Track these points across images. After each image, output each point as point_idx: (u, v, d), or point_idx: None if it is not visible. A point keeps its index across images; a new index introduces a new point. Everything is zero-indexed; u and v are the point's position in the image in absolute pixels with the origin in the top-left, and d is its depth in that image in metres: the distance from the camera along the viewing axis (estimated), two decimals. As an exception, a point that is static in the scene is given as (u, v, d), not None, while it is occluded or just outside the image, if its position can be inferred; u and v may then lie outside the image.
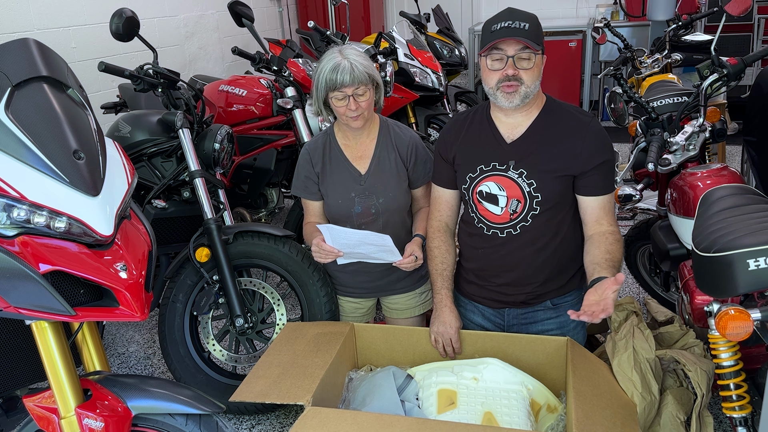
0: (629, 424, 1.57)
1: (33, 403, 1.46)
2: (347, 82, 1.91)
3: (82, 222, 1.33)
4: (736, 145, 4.88)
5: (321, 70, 1.96)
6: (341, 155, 2.11)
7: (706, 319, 1.64)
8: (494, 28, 1.70)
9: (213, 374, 2.40)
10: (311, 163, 2.12)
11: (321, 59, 2.00)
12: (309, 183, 2.13)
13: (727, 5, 2.18)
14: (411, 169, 2.11)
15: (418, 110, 4.30)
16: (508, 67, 1.70)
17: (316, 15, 6.11)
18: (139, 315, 1.37)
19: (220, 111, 3.20)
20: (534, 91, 1.75)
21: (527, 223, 1.82)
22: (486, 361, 1.84)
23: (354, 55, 1.95)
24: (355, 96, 1.95)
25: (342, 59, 1.93)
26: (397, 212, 2.12)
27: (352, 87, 1.93)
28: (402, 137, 2.12)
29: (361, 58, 1.97)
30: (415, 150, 2.11)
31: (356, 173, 2.09)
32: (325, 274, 2.28)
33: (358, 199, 2.09)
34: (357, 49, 2.02)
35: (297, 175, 2.17)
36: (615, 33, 4.25)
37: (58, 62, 1.50)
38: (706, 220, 1.71)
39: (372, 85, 2.00)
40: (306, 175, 2.13)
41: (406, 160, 2.10)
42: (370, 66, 1.99)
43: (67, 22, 3.68)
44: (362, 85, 1.94)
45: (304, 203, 2.20)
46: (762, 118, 2.31)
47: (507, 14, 1.71)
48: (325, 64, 1.96)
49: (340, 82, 1.92)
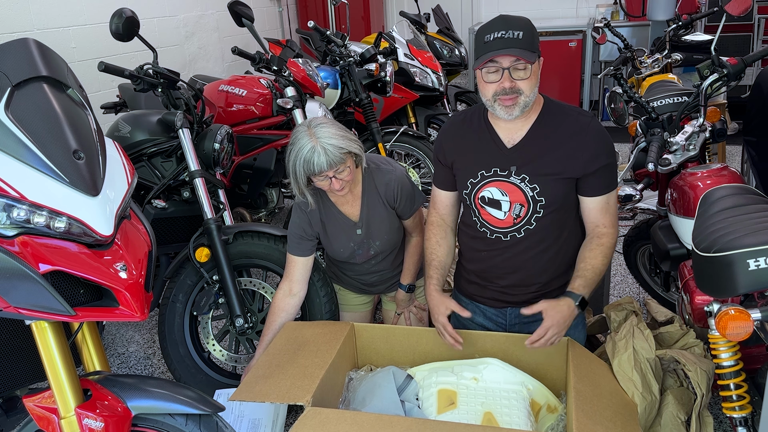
0: (630, 424, 1.57)
1: (33, 403, 1.46)
2: (325, 168, 1.87)
3: (82, 222, 1.33)
4: (736, 145, 4.88)
5: (296, 156, 1.89)
6: (334, 208, 2.11)
7: (706, 319, 1.64)
8: (487, 39, 1.66)
9: (213, 374, 2.40)
10: (310, 224, 2.10)
11: (292, 141, 1.92)
12: (303, 242, 2.11)
13: (727, 5, 2.18)
14: (398, 207, 2.12)
15: (418, 110, 4.30)
16: (504, 80, 1.67)
17: (316, 15, 6.11)
18: (139, 315, 1.36)
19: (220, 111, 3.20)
20: (533, 99, 1.73)
21: (531, 226, 1.82)
22: (486, 361, 1.84)
23: (326, 137, 1.87)
24: (336, 176, 1.92)
25: (314, 143, 1.86)
26: (393, 249, 2.22)
27: (332, 170, 1.89)
28: (382, 180, 2.09)
29: (334, 138, 1.88)
30: (399, 189, 2.09)
31: (350, 223, 2.11)
32: (325, 274, 2.29)
33: (356, 246, 2.14)
34: (326, 124, 1.93)
35: (290, 233, 2.12)
36: (615, 33, 4.25)
37: (58, 62, 1.50)
38: (706, 220, 1.71)
39: (351, 157, 1.95)
40: (300, 234, 2.10)
41: (392, 200, 2.10)
42: (344, 142, 1.90)
43: (67, 22, 3.68)
44: (341, 164, 1.89)
45: (288, 258, 2.14)
46: (762, 118, 2.31)
47: (500, 23, 1.67)
48: (298, 151, 1.88)
49: (319, 170, 1.87)
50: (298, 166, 1.90)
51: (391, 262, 2.24)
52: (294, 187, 1.99)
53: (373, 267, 2.23)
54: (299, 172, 1.91)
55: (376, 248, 2.15)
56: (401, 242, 2.24)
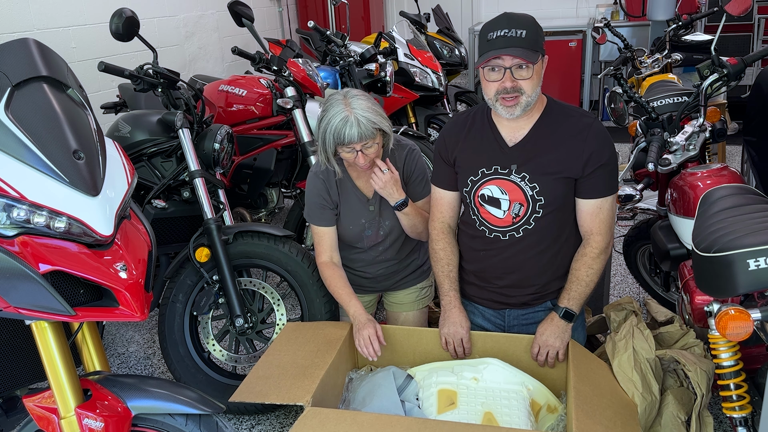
0: (630, 424, 1.57)
1: (33, 403, 1.46)
2: (355, 139, 1.87)
3: (82, 222, 1.33)
4: (736, 145, 4.88)
5: (328, 123, 1.89)
6: (350, 182, 2.11)
7: (706, 319, 1.64)
8: (490, 36, 1.67)
9: (213, 374, 2.40)
10: (328, 191, 2.10)
11: (326, 108, 1.93)
12: (325, 210, 2.11)
13: (727, 5, 2.18)
14: (409, 182, 2.12)
15: (418, 110, 4.30)
16: (506, 80, 1.68)
17: (316, 15, 6.11)
18: (139, 315, 1.36)
19: (220, 111, 3.20)
20: (534, 98, 1.73)
21: (530, 226, 1.82)
22: (486, 361, 1.84)
23: (360, 109, 1.88)
24: (363, 150, 1.92)
25: (349, 114, 1.86)
26: (401, 235, 2.17)
27: (361, 143, 1.90)
28: (402, 152, 2.11)
29: (368, 111, 1.89)
30: (417, 161, 2.11)
31: (363, 198, 2.11)
32: (325, 274, 2.28)
33: (368, 224, 2.12)
34: (362, 97, 1.94)
35: (310, 203, 2.12)
36: (615, 33, 4.25)
37: (58, 62, 1.50)
38: (706, 220, 1.71)
39: (381, 135, 1.96)
40: (321, 203, 2.10)
41: (409, 170, 2.11)
42: (377, 117, 1.91)
43: (67, 22, 3.68)
44: (371, 139, 1.90)
45: (316, 231, 2.15)
46: (762, 118, 2.31)
47: (504, 21, 1.67)
48: (331, 117, 1.89)
49: (349, 140, 1.87)
50: (329, 134, 1.90)
51: (398, 252, 2.20)
52: (321, 154, 2.00)
53: (380, 256, 2.19)
54: (328, 140, 1.91)
55: (386, 229, 2.13)
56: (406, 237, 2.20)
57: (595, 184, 1.78)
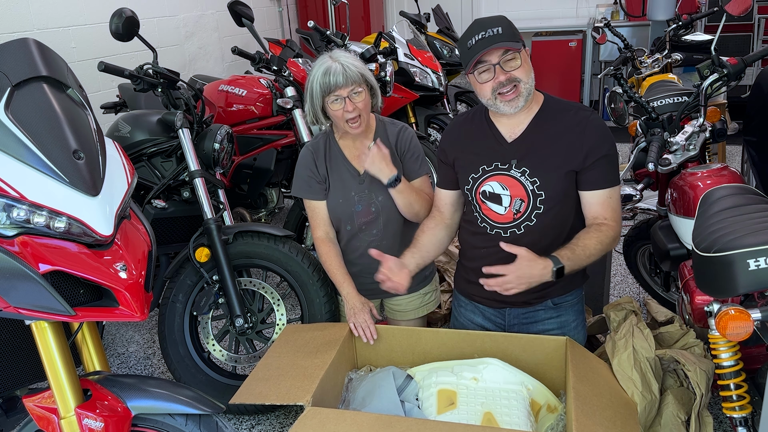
0: (630, 424, 1.57)
1: (33, 403, 1.46)
2: (341, 83, 1.92)
3: (82, 222, 1.33)
4: (736, 145, 4.88)
5: (313, 76, 1.96)
6: (341, 155, 2.11)
7: (706, 319, 1.64)
8: (470, 44, 1.70)
9: (213, 374, 2.40)
10: (315, 164, 2.11)
11: (312, 67, 2.00)
12: (312, 182, 2.11)
13: (727, 5, 2.18)
14: (404, 160, 2.11)
15: (418, 110, 4.30)
16: (498, 75, 1.70)
17: (316, 15, 6.11)
18: (139, 315, 1.37)
19: (220, 111, 3.20)
20: (533, 85, 1.75)
21: (531, 222, 1.82)
22: (486, 361, 1.84)
23: (345, 57, 1.95)
24: (350, 97, 1.94)
25: (333, 62, 1.93)
26: (396, 217, 2.12)
27: (347, 88, 1.93)
28: (395, 129, 2.13)
29: (352, 59, 1.97)
30: (410, 139, 2.12)
31: (355, 172, 2.09)
32: (325, 274, 2.27)
33: (357, 197, 2.09)
34: (347, 52, 2.03)
35: (298, 176, 2.14)
36: (615, 33, 4.25)
37: (58, 62, 1.50)
38: (706, 220, 1.71)
39: (366, 86, 1.99)
40: (309, 175, 2.11)
41: (403, 147, 2.10)
42: (363, 67, 1.98)
43: (67, 22, 3.68)
44: (356, 84, 1.94)
45: (308, 206, 2.16)
46: (762, 118, 2.31)
47: (477, 26, 1.71)
48: (317, 69, 1.96)
49: (334, 84, 1.92)
50: (315, 83, 1.95)
51: (393, 237, 2.12)
52: (309, 112, 2.04)
53: (375, 240, 2.11)
54: (315, 89, 1.96)
55: (378, 205, 2.08)
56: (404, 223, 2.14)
57: (601, 174, 1.77)
